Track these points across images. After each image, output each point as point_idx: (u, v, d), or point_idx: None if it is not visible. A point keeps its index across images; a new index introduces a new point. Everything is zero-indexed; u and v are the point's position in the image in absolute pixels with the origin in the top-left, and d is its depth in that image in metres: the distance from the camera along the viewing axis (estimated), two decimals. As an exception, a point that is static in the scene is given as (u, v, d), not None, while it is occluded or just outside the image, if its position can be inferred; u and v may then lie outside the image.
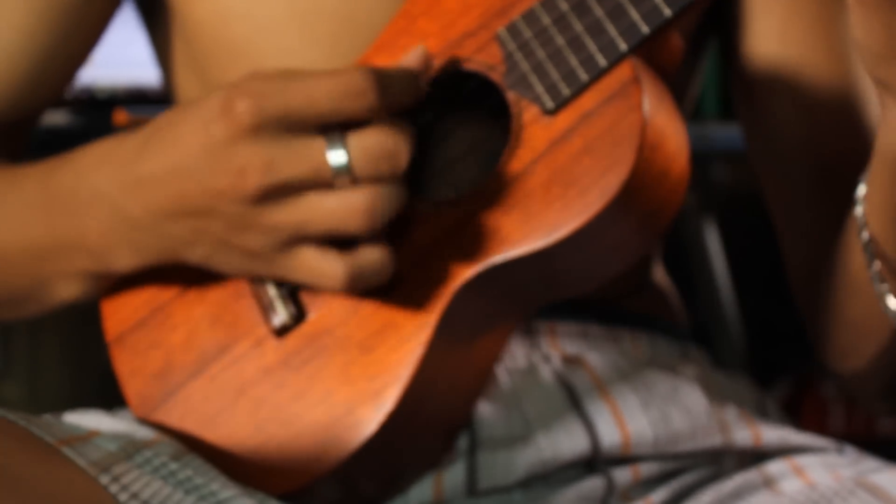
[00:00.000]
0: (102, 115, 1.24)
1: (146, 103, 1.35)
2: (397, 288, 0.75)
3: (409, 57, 0.76)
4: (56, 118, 1.24)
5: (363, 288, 0.73)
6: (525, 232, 0.72)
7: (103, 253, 0.79)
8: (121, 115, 0.83)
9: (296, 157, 0.70)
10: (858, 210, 0.74)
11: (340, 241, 0.73)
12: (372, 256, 0.72)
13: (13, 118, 0.91)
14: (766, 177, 0.91)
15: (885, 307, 0.75)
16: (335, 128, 0.71)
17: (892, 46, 0.62)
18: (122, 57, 1.20)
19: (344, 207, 0.70)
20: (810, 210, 0.89)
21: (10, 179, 0.85)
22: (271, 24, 0.85)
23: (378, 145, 0.70)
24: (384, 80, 0.71)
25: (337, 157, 0.70)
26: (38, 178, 0.83)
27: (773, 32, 0.88)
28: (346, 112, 0.70)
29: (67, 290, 0.83)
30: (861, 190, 0.74)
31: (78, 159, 0.80)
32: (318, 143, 0.70)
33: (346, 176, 0.70)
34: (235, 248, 0.74)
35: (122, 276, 0.81)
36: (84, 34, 0.91)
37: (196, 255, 0.76)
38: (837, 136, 0.88)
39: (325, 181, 0.70)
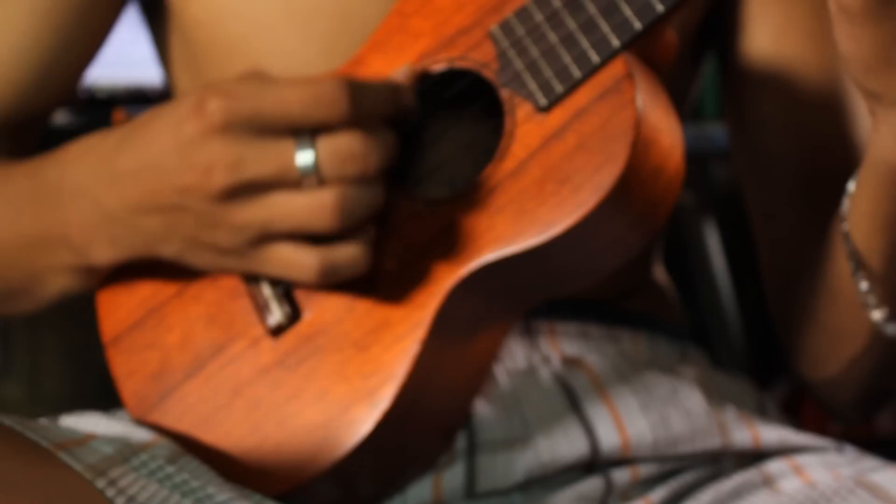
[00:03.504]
0: (102, 115, 1.24)
1: (146, 103, 1.35)
2: (393, 286, 0.75)
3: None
4: (56, 118, 1.23)
5: (337, 281, 0.74)
6: (519, 230, 0.71)
7: (83, 246, 0.80)
8: (120, 115, 0.83)
9: (263, 157, 0.71)
10: (844, 221, 0.75)
11: (316, 240, 0.73)
12: (345, 251, 0.73)
13: (20, 119, 0.92)
14: (750, 179, 0.92)
15: (872, 320, 0.77)
16: (306, 131, 0.71)
17: (881, 57, 0.63)
18: (122, 57, 1.19)
19: (311, 206, 0.71)
20: (792, 214, 0.89)
21: (3, 174, 0.85)
22: (267, 22, 0.85)
23: (346, 147, 0.71)
24: (358, 91, 0.71)
25: (304, 157, 0.71)
26: (28, 172, 0.84)
27: (767, 36, 0.89)
28: (317, 118, 0.71)
29: (57, 284, 0.84)
30: (847, 201, 0.74)
31: (63, 153, 0.81)
32: (286, 143, 0.71)
33: (313, 176, 0.71)
34: (206, 245, 0.75)
35: (105, 271, 0.82)
36: (90, 35, 0.91)
37: (169, 250, 0.77)
38: (825, 141, 0.88)
39: (293, 181, 0.71)
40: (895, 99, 0.65)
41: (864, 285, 0.76)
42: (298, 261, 0.73)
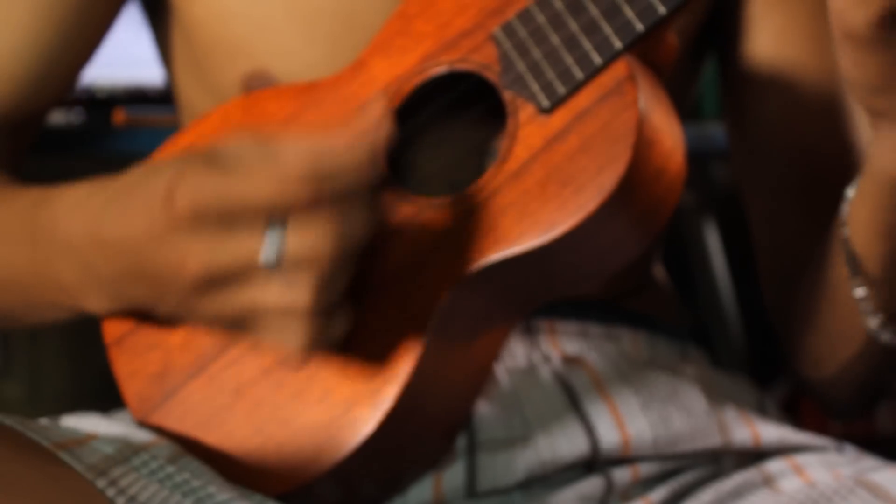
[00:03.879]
0: (102, 114, 1.25)
1: (146, 103, 1.35)
2: (396, 287, 0.75)
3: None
4: (56, 118, 1.24)
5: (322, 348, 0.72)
6: (521, 230, 0.72)
7: (78, 295, 0.79)
8: (120, 115, 0.83)
9: (231, 250, 0.69)
10: (844, 226, 0.75)
11: None
12: (332, 327, 0.71)
13: (18, 117, 0.91)
14: (749, 181, 0.92)
15: (867, 326, 0.77)
16: (275, 220, 0.68)
17: (886, 80, 0.64)
18: (122, 57, 1.20)
19: (284, 301, 0.69)
20: (792, 216, 0.90)
21: (1, 201, 0.85)
22: (270, 23, 0.85)
23: (314, 239, 0.68)
24: (327, 173, 0.68)
25: (271, 250, 0.68)
26: (22, 211, 0.83)
27: (768, 39, 0.89)
28: (284, 207, 0.67)
29: (56, 316, 0.84)
30: (846, 207, 0.75)
31: (57, 201, 0.79)
32: (254, 236, 0.68)
33: (282, 267, 0.68)
34: (195, 315, 0.73)
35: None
36: (89, 33, 0.91)
37: (162, 311, 0.76)
38: (825, 144, 0.89)
39: (263, 273, 0.69)
40: None
41: (860, 292, 0.76)
42: (283, 340, 0.71)
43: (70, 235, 0.77)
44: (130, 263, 0.73)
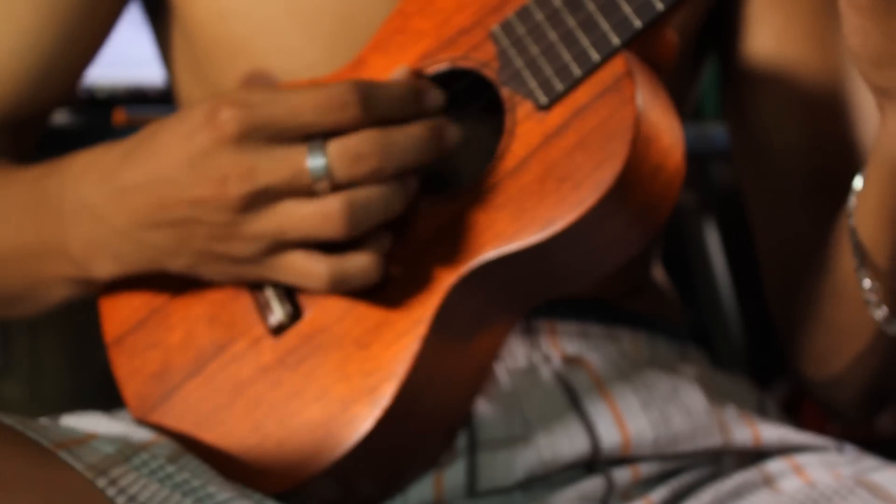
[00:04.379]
0: (102, 114, 1.24)
1: (146, 103, 1.35)
2: (393, 284, 0.75)
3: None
4: (56, 118, 1.23)
5: (348, 289, 0.74)
6: (519, 227, 0.72)
7: (85, 261, 0.80)
8: (120, 115, 0.83)
9: (276, 165, 0.71)
10: (850, 217, 0.75)
11: (335, 245, 0.74)
12: (355, 261, 0.73)
13: (20, 117, 0.92)
14: (753, 180, 0.92)
15: (874, 318, 0.77)
16: (318, 136, 0.71)
17: (890, 52, 0.63)
18: (121, 57, 1.19)
19: (318, 213, 0.71)
20: (797, 214, 0.89)
21: (5, 180, 0.85)
22: (270, 23, 0.85)
23: (357, 150, 0.71)
24: (369, 93, 0.72)
25: (315, 162, 0.71)
26: (30, 182, 0.83)
27: (769, 37, 0.89)
28: (329, 123, 0.71)
29: (58, 293, 0.84)
30: (853, 198, 0.74)
31: (66, 166, 0.81)
32: (298, 150, 0.71)
33: (326, 181, 0.71)
34: (220, 256, 0.75)
35: (106, 283, 0.82)
36: (91, 33, 0.91)
37: (179, 264, 0.76)
38: (829, 141, 0.88)
39: (305, 188, 0.71)
40: None
41: (867, 283, 0.76)
42: (309, 270, 0.73)
43: (82, 195, 0.78)
44: (156, 204, 0.74)
